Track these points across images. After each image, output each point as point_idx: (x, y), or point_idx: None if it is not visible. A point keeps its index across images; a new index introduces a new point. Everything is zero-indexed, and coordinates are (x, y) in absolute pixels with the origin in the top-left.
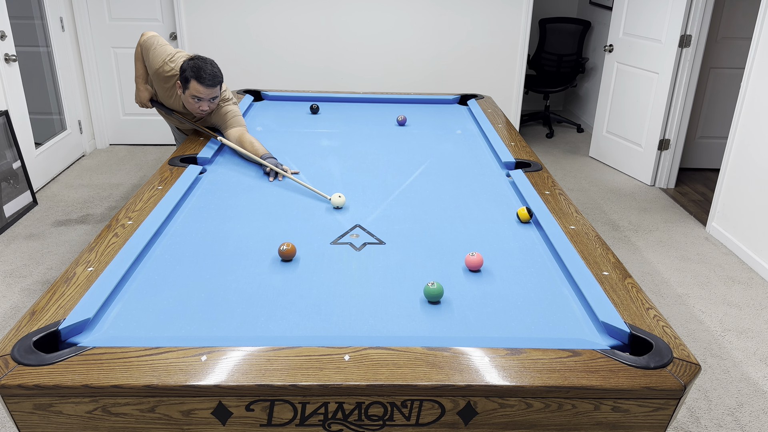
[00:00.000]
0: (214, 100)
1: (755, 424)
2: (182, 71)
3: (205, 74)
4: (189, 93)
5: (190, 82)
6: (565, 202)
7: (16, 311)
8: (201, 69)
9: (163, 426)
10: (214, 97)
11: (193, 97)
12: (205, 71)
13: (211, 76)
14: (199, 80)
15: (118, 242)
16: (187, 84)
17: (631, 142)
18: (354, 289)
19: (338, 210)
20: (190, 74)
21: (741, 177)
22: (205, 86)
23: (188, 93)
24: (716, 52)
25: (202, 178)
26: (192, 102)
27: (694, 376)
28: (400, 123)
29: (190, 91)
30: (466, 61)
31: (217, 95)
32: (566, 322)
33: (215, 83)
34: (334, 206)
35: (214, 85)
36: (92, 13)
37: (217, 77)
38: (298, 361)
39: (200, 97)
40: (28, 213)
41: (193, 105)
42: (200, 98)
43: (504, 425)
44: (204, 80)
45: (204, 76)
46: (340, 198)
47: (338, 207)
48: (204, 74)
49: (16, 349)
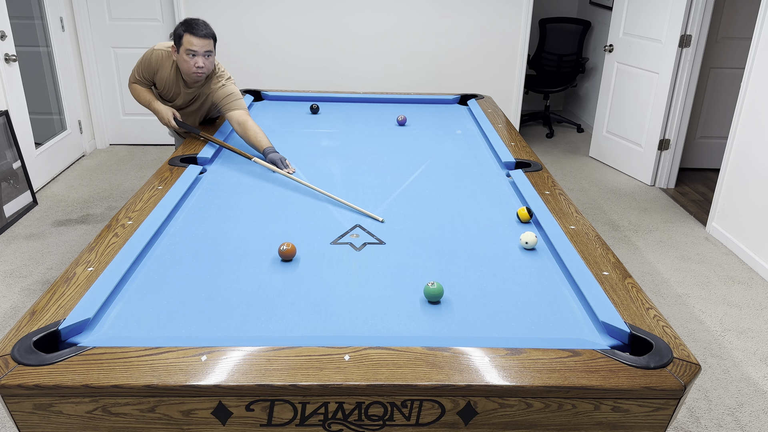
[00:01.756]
0: (209, 56)
1: (755, 424)
2: (175, 32)
3: (197, 25)
4: (183, 50)
5: (183, 37)
6: (565, 202)
7: (16, 311)
8: (192, 21)
9: (163, 426)
10: (208, 51)
11: (188, 53)
12: (196, 22)
13: (203, 26)
14: (192, 31)
15: (118, 242)
16: (180, 40)
17: (631, 142)
18: (354, 289)
19: (338, 210)
20: (181, 29)
21: (741, 177)
22: (198, 37)
23: (182, 51)
24: (716, 52)
25: (202, 178)
26: (187, 60)
27: (694, 376)
28: (400, 123)
29: (184, 47)
30: (466, 61)
31: (212, 51)
32: (566, 322)
33: (208, 34)
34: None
35: (207, 36)
36: (92, 13)
37: (209, 28)
38: (298, 361)
39: (194, 51)
40: (28, 213)
41: (189, 64)
42: (195, 52)
43: (504, 425)
44: (196, 30)
45: (196, 27)
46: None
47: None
48: (196, 25)
49: (16, 349)
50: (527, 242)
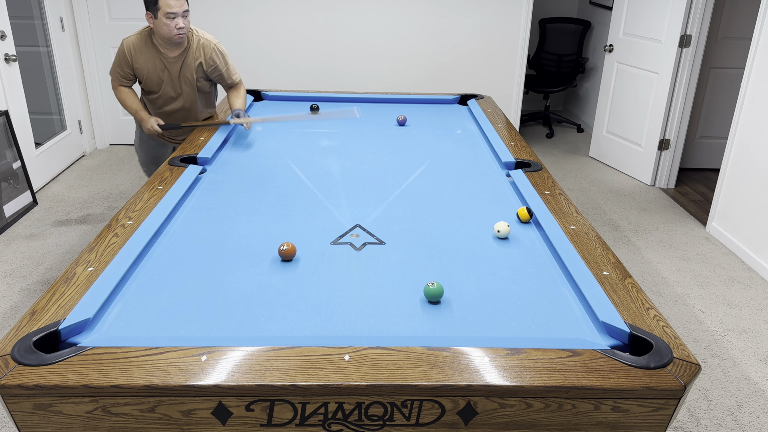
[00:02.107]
0: (187, 16)
1: (755, 424)
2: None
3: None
4: (162, 14)
5: (159, 1)
6: (565, 202)
7: (16, 311)
8: None
9: (163, 426)
10: (186, 11)
11: (167, 16)
12: None
13: None
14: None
15: (118, 242)
16: (156, 5)
17: (631, 142)
18: (354, 289)
19: (338, 210)
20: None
21: (741, 177)
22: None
23: (161, 15)
24: (716, 52)
25: (202, 178)
26: (168, 24)
27: (694, 376)
28: (400, 123)
29: (162, 11)
30: (466, 61)
31: (188, 10)
32: (566, 322)
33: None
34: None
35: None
36: (92, 13)
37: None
38: (298, 361)
39: (174, 12)
40: (28, 213)
41: (170, 27)
42: (174, 14)
43: (504, 425)
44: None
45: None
46: None
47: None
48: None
49: (16, 349)
50: (499, 231)
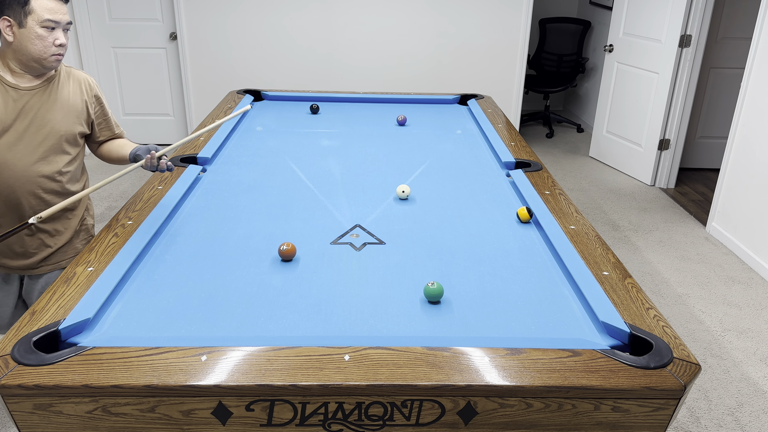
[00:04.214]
0: (68, 29)
1: (755, 424)
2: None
3: None
4: (36, 23)
5: (32, 3)
6: (565, 202)
7: None
8: None
9: (163, 426)
10: (69, 23)
11: (44, 24)
12: None
13: None
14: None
15: (118, 242)
16: (26, 8)
17: (631, 142)
18: (354, 289)
19: (338, 210)
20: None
21: (741, 177)
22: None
23: (31, 22)
24: (716, 52)
25: (202, 178)
26: (44, 37)
27: (694, 376)
28: (400, 123)
29: (37, 17)
30: (466, 61)
31: (71, 22)
32: (566, 322)
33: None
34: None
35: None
36: (92, 13)
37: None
38: (298, 361)
39: (56, 20)
40: None
41: (47, 42)
42: (55, 23)
43: (504, 425)
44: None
45: None
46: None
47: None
48: None
49: (16, 349)
50: (404, 191)
